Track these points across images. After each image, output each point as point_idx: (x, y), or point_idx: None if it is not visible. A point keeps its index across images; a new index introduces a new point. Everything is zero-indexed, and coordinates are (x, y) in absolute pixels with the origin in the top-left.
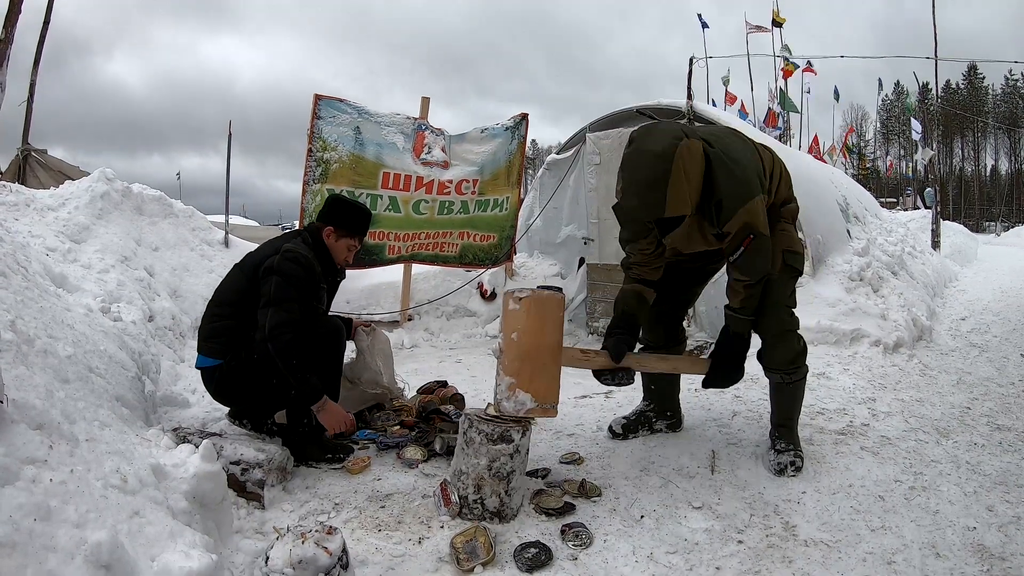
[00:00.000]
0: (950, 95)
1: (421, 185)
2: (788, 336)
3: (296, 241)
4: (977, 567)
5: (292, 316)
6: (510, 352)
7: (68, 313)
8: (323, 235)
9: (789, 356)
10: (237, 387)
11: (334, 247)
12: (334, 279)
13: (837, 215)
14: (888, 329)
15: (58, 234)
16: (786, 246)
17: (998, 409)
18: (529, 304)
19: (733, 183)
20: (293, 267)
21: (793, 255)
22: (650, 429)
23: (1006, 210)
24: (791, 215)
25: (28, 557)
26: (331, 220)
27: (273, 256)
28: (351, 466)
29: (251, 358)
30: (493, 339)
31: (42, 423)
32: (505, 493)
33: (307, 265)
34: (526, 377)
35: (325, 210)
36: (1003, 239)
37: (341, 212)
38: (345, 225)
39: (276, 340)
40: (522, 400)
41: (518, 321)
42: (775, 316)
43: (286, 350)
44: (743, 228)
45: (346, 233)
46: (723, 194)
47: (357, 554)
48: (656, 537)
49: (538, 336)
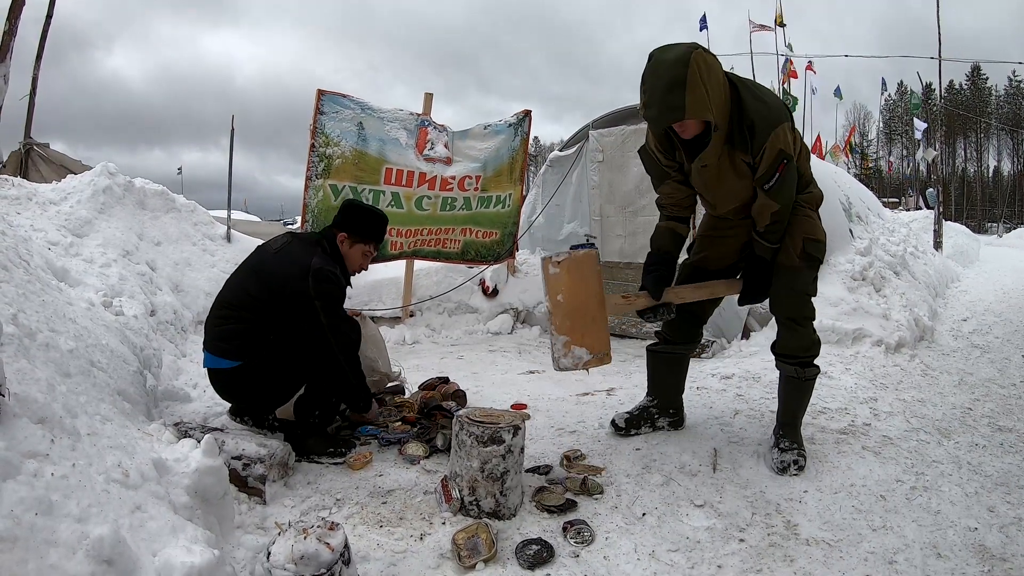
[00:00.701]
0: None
1: (424, 181)
2: (805, 323)
3: (320, 255)
4: (978, 568)
5: (352, 336)
6: (559, 313)
7: (70, 307)
8: (337, 241)
9: (805, 343)
10: (250, 388)
11: (348, 254)
12: None
13: (840, 214)
14: (890, 329)
15: (60, 228)
16: (808, 233)
17: (999, 410)
18: (569, 265)
19: (763, 106)
20: (332, 289)
21: (815, 243)
22: (652, 426)
23: (1008, 211)
24: (814, 202)
25: (29, 551)
26: (345, 226)
27: (302, 280)
28: (353, 462)
29: (271, 360)
30: (495, 336)
31: (44, 417)
32: (500, 493)
33: (340, 284)
34: (579, 333)
35: (339, 216)
36: (1005, 240)
37: (355, 218)
38: (359, 231)
39: (352, 365)
40: (579, 355)
41: (560, 283)
42: (794, 301)
43: (359, 369)
44: (779, 154)
45: (361, 239)
46: (754, 117)
47: (359, 550)
48: (658, 535)
49: (582, 293)
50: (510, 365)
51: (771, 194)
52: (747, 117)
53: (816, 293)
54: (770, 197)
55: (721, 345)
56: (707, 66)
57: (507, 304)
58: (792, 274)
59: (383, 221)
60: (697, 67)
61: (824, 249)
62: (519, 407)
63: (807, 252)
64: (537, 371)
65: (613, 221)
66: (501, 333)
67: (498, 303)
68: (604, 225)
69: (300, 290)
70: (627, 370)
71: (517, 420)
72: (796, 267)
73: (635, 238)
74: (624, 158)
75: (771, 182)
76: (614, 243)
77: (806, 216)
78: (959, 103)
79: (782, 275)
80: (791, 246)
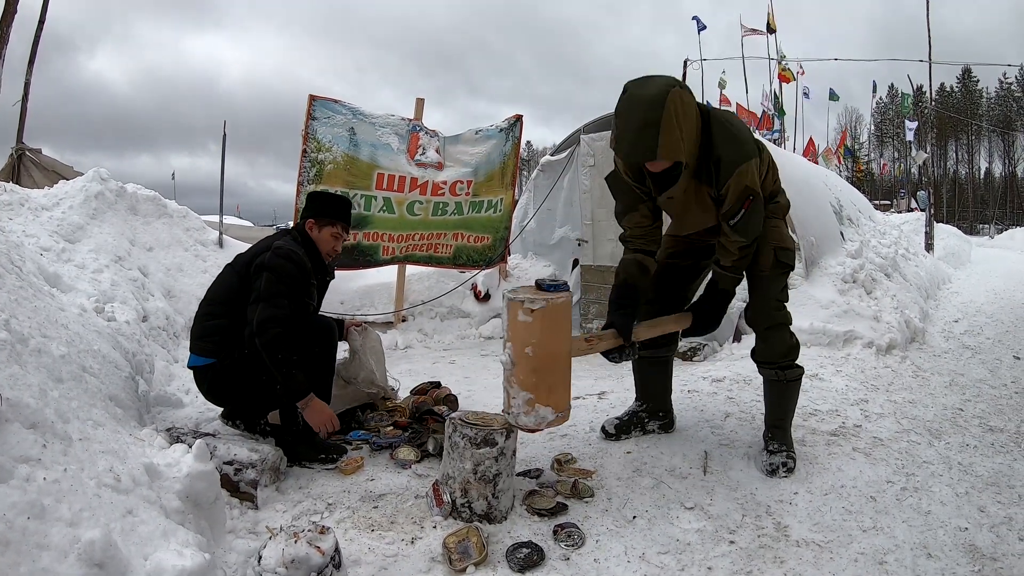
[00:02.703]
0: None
1: (415, 186)
2: (781, 329)
3: (286, 239)
4: (968, 567)
5: (281, 312)
6: (524, 367)
7: (62, 313)
8: (307, 229)
9: (782, 349)
10: (229, 386)
11: (319, 238)
12: (323, 278)
13: (831, 217)
14: (881, 331)
15: (52, 234)
16: (777, 243)
17: (990, 410)
18: (543, 314)
19: (733, 143)
20: (284, 263)
21: (785, 251)
22: (643, 430)
23: (1000, 212)
24: (781, 211)
25: (21, 555)
26: (311, 212)
27: (264, 253)
28: (344, 466)
29: (244, 357)
30: (487, 340)
31: (36, 422)
32: (492, 496)
33: (298, 262)
34: (544, 391)
35: (306, 205)
36: (997, 241)
37: (318, 201)
38: (324, 213)
39: (263, 334)
40: (543, 415)
41: (531, 334)
42: (767, 311)
43: (273, 344)
44: (744, 191)
45: (328, 221)
46: (721, 152)
47: (350, 554)
48: (648, 537)
49: (553, 346)
50: (502, 369)
51: (737, 230)
52: (714, 153)
53: (788, 299)
54: (736, 232)
55: (712, 348)
56: (683, 106)
57: (499, 309)
58: (766, 282)
59: (347, 203)
60: (673, 108)
61: (794, 256)
62: None
63: (779, 260)
64: None
65: (605, 225)
66: (493, 337)
67: (490, 308)
68: (596, 229)
69: (259, 263)
70: (618, 373)
71: (509, 423)
72: (769, 276)
73: None
74: None
75: (736, 218)
76: (606, 247)
77: (773, 227)
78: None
79: (756, 285)
80: (763, 257)
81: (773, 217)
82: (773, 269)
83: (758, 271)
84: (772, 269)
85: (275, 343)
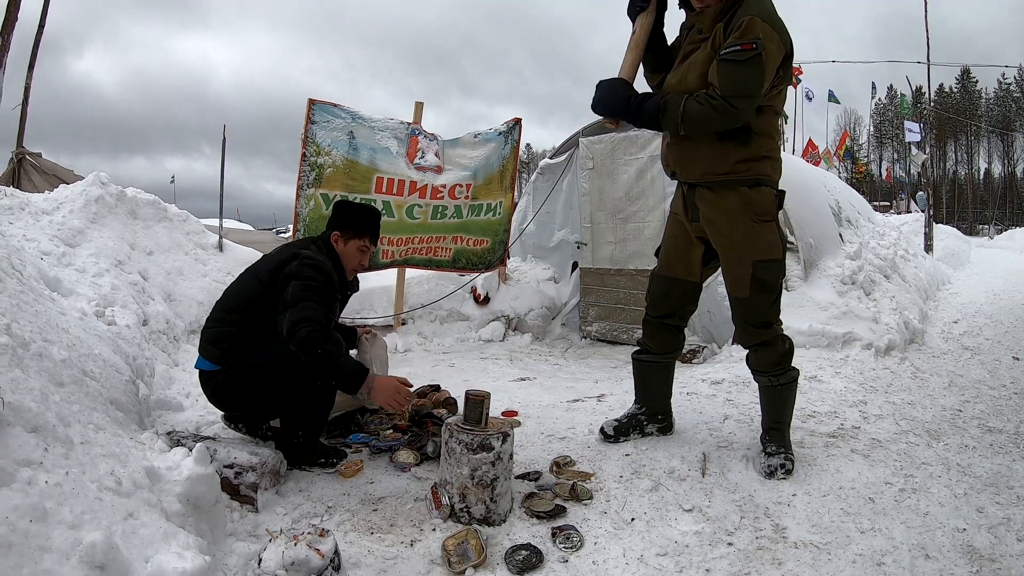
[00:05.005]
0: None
1: (415, 190)
2: (767, 345)
3: (312, 248)
4: (966, 568)
5: (309, 312)
6: None
7: (63, 317)
8: (332, 241)
9: (773, 359)
10: (232, 395)
11: (344, 252)
12: (345, 292)
13: (829, 219)
14: (880, 332)
15: (52, 238)
16: (758, 255)
17: (989, 411)
18: None
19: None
20: (312, 272)
21: (767, 265)
22: (641, 432)
23: (999, 213)
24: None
25: (24, 557)
26: (337, 224)
27: (292, 262)
28: (344, 469)
29: (249, 367)
30: (486, 343)
31: (37, 426)
32: (490, 500)
33: (327, 273)
34: None
35: (332, 216)
36: (996, 242)
37: (347, 214)
38: (352, 226)
39: (294, 336)
40: None
41: None
42: (750, 332)
43: (308, 343)
44: (751, 34)
45: (354, 234)
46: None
47: (349, 556)
48: (646, 539)
49: None
50: (501, 372)
51: (721, 64)
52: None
53: (778, 314)
54: (719, 69)
55: (711, 350)
56: None
57: (498, 312)
58: (743, 306)
59: (375, 215)
60: None
61: (781, 268)
62: (510, 414)
63: (757, 278)
64: (528, 378)
65: (603, 228)
66: (493, 340)
67: (489, 311)
68: (595, 232)
69: (288, 272)
70: (617, 376)
71: (506, 427)
72: (747, 298)
73: (625, 245)
74: (614, 165)
75: (728, 50)
76: (604, 250)
77: (757, 233)
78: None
79: (735, 306)
80: (739, 271)
81: (761, 221)
82: (752, 288)
83: (735, 292)
84: (751, 290)
85: (310, 341)
